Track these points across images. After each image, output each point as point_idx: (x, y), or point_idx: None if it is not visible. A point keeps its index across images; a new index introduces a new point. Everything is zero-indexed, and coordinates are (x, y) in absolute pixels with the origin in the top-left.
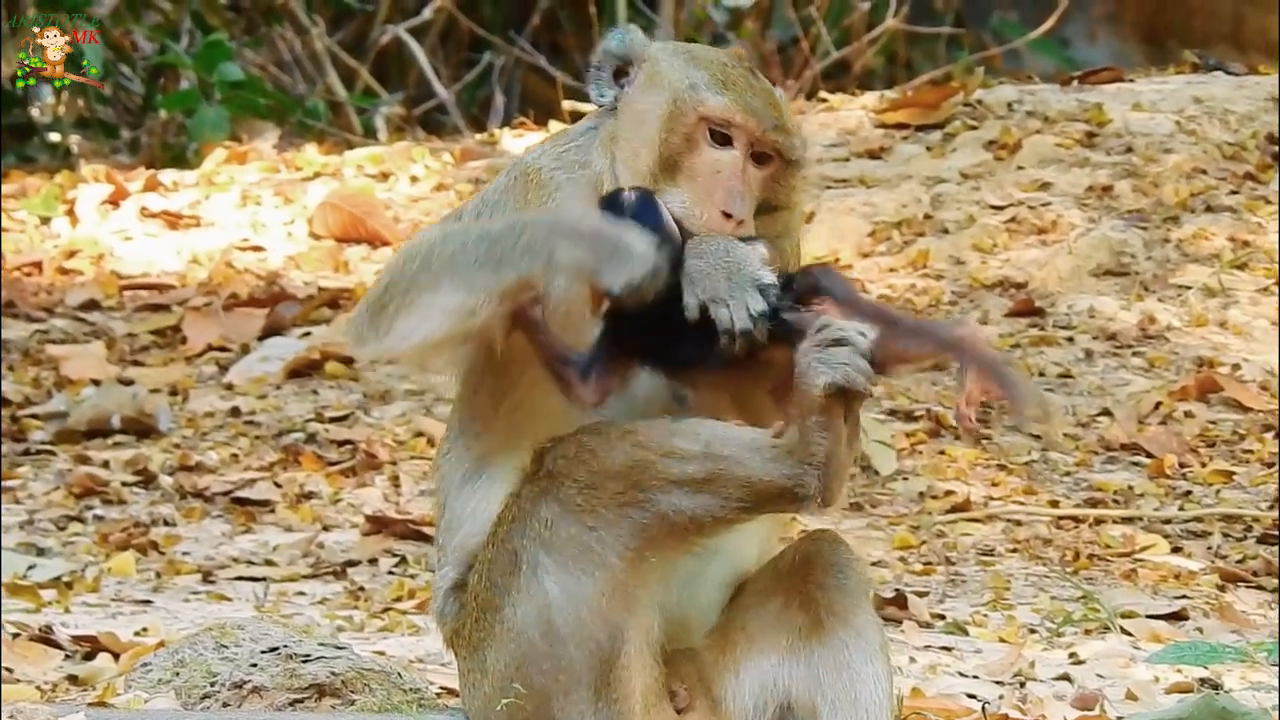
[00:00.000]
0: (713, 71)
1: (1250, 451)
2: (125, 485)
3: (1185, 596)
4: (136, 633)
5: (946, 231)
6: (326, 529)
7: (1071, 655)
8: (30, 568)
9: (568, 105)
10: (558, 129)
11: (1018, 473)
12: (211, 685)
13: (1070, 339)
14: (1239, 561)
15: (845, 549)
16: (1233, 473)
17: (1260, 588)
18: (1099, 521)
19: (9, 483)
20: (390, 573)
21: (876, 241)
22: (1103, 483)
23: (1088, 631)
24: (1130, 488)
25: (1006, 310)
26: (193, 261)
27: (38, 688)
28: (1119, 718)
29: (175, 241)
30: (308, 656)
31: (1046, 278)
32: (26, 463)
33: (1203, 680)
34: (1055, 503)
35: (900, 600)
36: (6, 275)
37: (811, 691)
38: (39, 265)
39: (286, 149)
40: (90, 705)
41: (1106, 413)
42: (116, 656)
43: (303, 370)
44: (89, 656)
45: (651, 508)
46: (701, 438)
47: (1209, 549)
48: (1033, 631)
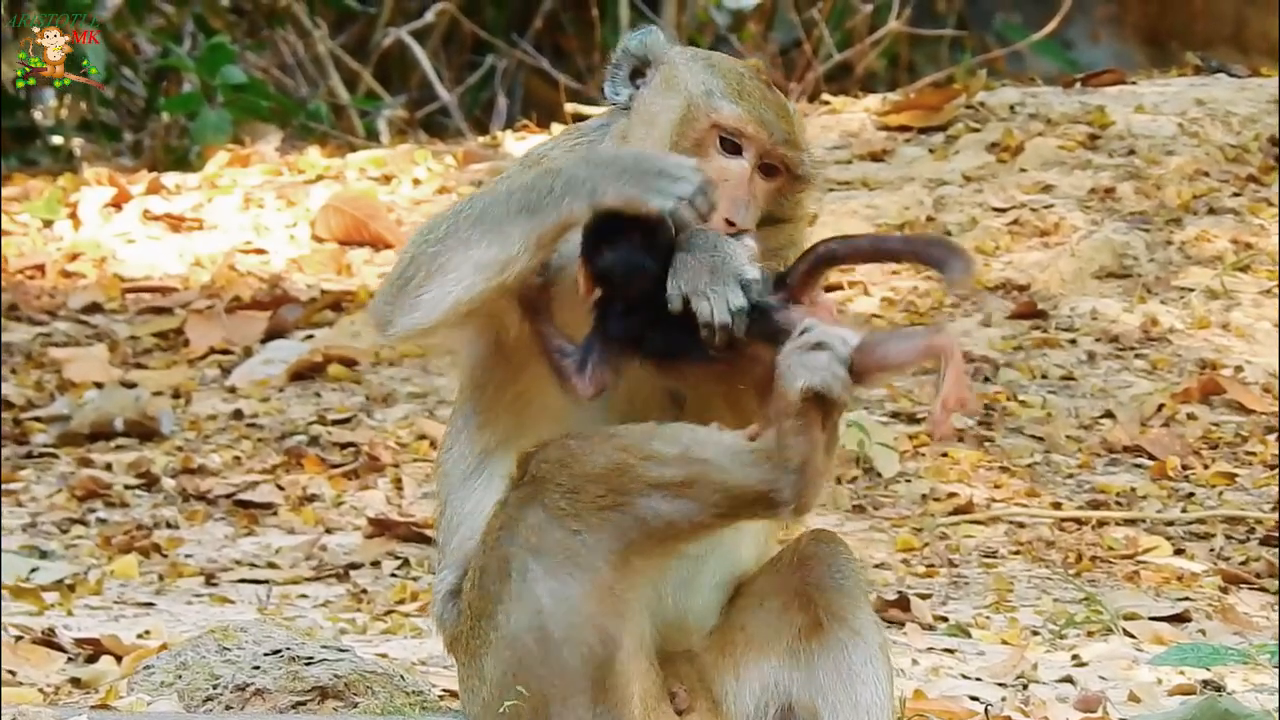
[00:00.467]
0: (729, 80)
1: (1253, 453)
2: (128, 488)
3: (1188, 598)
4: (139, 635)
5: (949, 234)
6: (329, 531)
7: (1074, 657)
8: (33, 570)
9: (570, 108)
10: (560, 131)
11: (1020, 475)
12: (214, 688)
13: (1073, 341)
14: (1241, 563)
15: (844, 549)
16: (1235, 475)
17: (1263, 589)
18: (1101, 523)
19: (12, 485)
20: (393, 575)
21: None
22: (1105, 485)
23: (1090, 633)
24: (1133, 490)
25: (1009, 312)
26: (195, 264)
27: (40, 690)
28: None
29: (178, 244)
30: (310, 659)
31: (1049, 280)
32: (29, 465)
33: (1205, 682)
34: (1058, 505)
35: (903, 602)
36: (9, 278)
37: (812, 693)
38: (41, 268)
39: (289, 152)
40: (93, 708)
41: (1109, 415)
42: (119, 659)
43: (305, 373)
44: (91, 659)
45: (632, 511)
46: (681, 441)
47: (1211, 551)
48: (1035, 633)
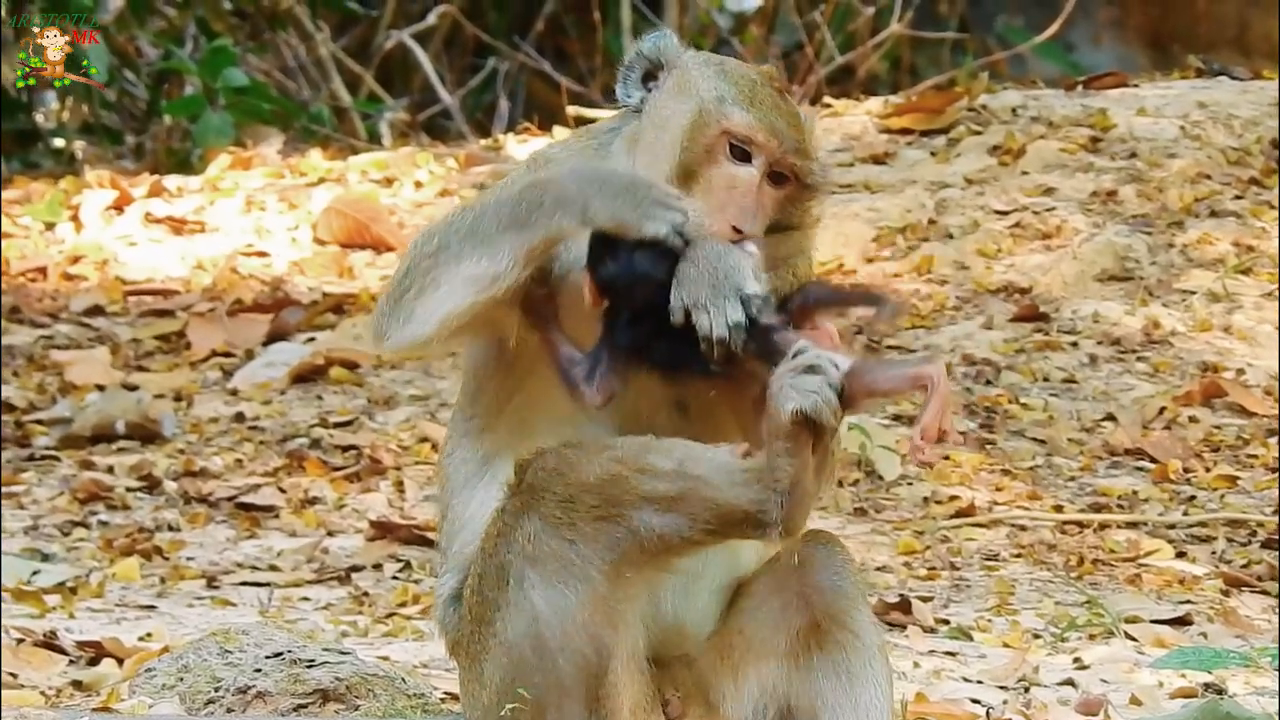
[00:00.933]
0: (742, 87)
1: (1255, 456)
2: (130, 491)
3: (1189, 601)
4: (141, 638)
5: (951, 237)
6: (331, 534)
7: (1076, 660)
8: (35, 573)
9: (572, 110)
10: (562, 134)
11: (1022, 478)
12: (216, 690)
13: (1074, 344)
14: (1243, 566)
15: (842, 550)
16: (1237, 477)
17: (1265, 592)
18: (1103, 526)
19: (14, 488)
20: (394, 578)
21: (881, 247)
22: (1107, 488)
23: (1092, 636)
24: (1134, 493)
25: (1011, 315)
26: (197, 267)
27: (42, 693)
28: None
29: (180, 247)
30: (312, 662)
31: (1051, 283)
32: (31, 468)
33: (1207, 685)
34: (1059, 508)
35: (904, 605)
36: (11, 281)
37: (811, 696)
38: (43, 271)
39: (291, 154)
40: (95, 711)
41: (1111, 418)
42: (121, 662)
43: (307, 375)
44: (93, 662)
45: (624, 523)
46: (675, 455)
47: (1213, 554)
48: (1037, 636)
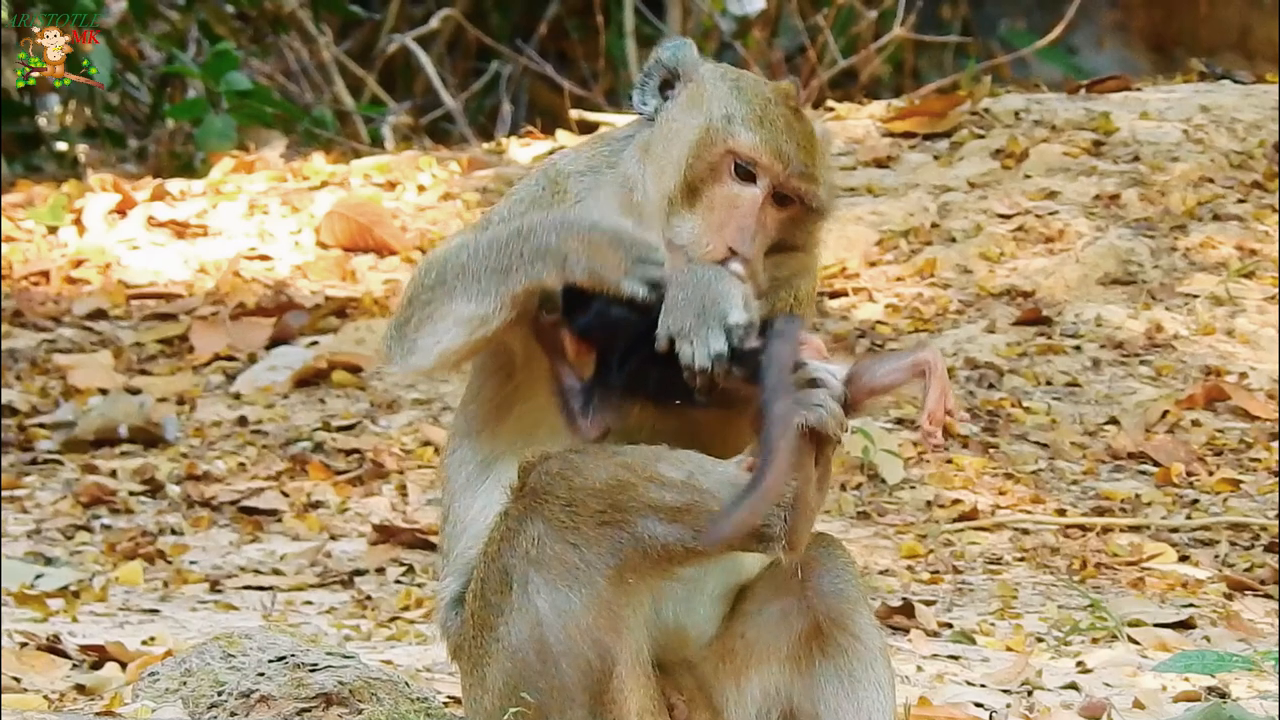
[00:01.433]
0: (753, 107)
1: (1257, 460)
2: (132, 494)
3: (1192, 605)
4: (144, 642)
5: (954, 240)
6: (334, 538)
7: (1079, 664)
8: (38, 577)
9: (575, 114)
10: (565, 138)
11: (1025, 482)
12: (219, 695)
13: (1077, 348)
14: (1246, 570)
15: (843, 553)
16: (1240, 481)
17: (1268, 596)
18: (1106, 530)
19: (17, 492)
20: (397, 582)
21: (884, 250)
22: (1110, 491)
23: (1095, 640)
24: (1137, 496)
25: (1014, 319)
26: (200, 271)
27: (45, 697)
28: None
29: (182, 251)
30: (315, 666)
31: (1054, 286)
32: (34, 472)
33: (1210, 689)
34: (1062, 511)
35: (907, 609)
36: (14, 285)
37: (813, 700)
38: (46, 275)
39: (294, 158)
40: (98, 715)
41: (1114, 421)
42: (124, 666)
43: (310, 379)
44: (96, 666)
45: (629, 529)
46: (685, 467)
47: (1216, 557)
48: (1040, 640)
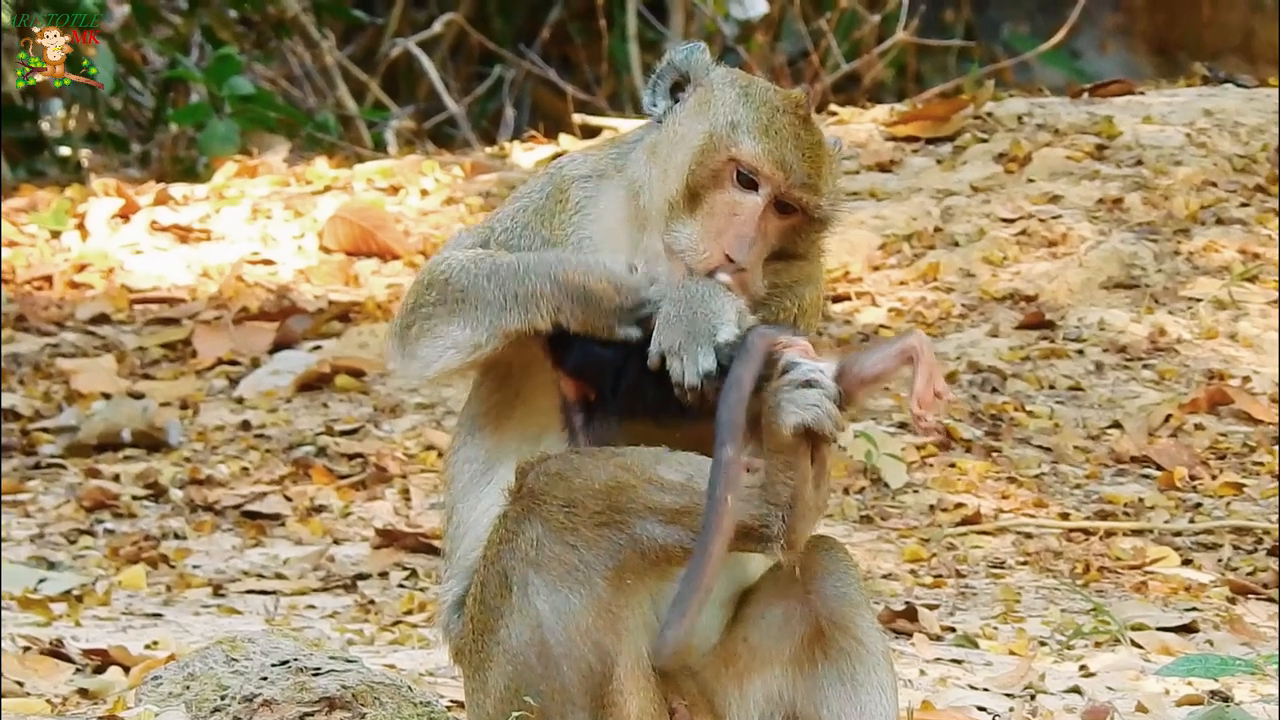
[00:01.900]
0: (759, 115)
1: (1260, 464)
2: (136, 499)
3: (1195, 609)
4: (147, 646)
5: (957, 244)
6: (337, 542)
7: (1082, 668)
8: (41, 581)
9: (578, 118)
10: (568, 142)
11: (1028, 485)
12: (222, 699)
13: (1080, 351)
14: (1249, 574)
15: (844, 555)
16: (1243, 485)
17: (1270, 600)
18: (1109, 534)
19: (20, 496)
20: (400, 586)
21: (887, 254)
22: (1113, 495)
23: (1098, 644)
24: (1140, 500)
25: (1017, 323)
26: (203, 275)
27: (48, 701)
28: None
29: (185, 255)
30: (318, 670)
31: (1057, 290)
32: (37, 476)
33: (1213, 693)
34: (1065, 515)
35: (910, 613)
36: (18, 289)
37: (816, 703)
38: (49, 279)
39: (297, 163)
40: (101, 719)
41: (1117, 425)
42: (127, 670)
43: (313, 384)
44: (99, 670)
45: (627, 530)
46: (685, 470)
47: (1219, 561)
48: (1043, 644)
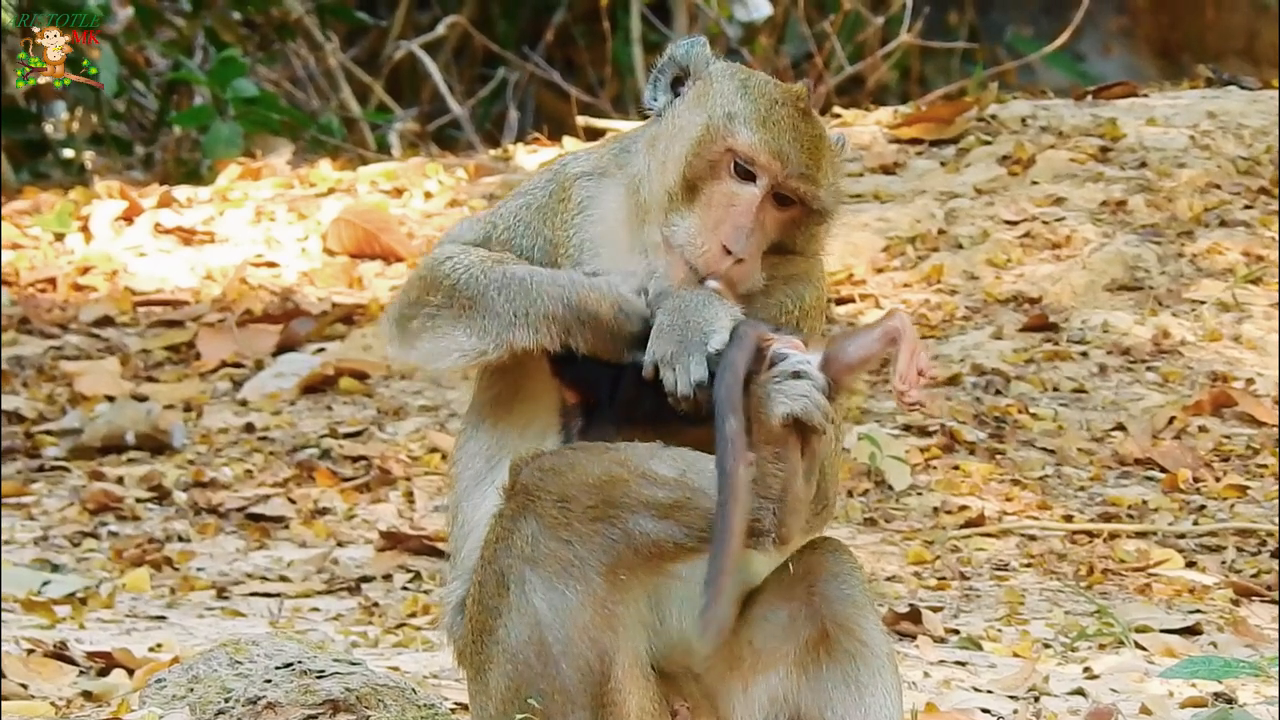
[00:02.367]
0: (757, 106)
1: (1264, 466)
2: (139, 501)
3: (1199, 611)
4: (151, 649)
5: (960, 247)
6: (341, 545)
7: (1086, 670)
8: (45, 584)
9: (581, 120)
10: (571, 145)
11: (1032, 488)
12: (226, 701)
13: (1084, 354)
14: (1253, 576)
15: (848, 556)
16: (1247, 487)
17: (1274, 602)
18: (1113, 536)
19: (24, 499)
20: (404, 588)
21: (890, 257)
22: (1117, 498)
23: (1102, 646)
24: (1144, 502)
25: (1020, 325)
26: (207, 277)
27: (52, 704)
28: None
29: (189, 257)
30: (322, 672)
31: (1060, 293)
32: (41, 479)
33: (1217, 694)
34: (1069, 518)
35: (914, 615)
36: (21, 292)
37: (820, 705)
38: (53, 281)
39: (300, 165)
40: None
41: (1120, 428)
42: (131, 672)
43: (317, 386)
44: (103, 672)
45: (620, 525)
46: (679, 465)
47: (1223, 563)
48: (1047, 646)
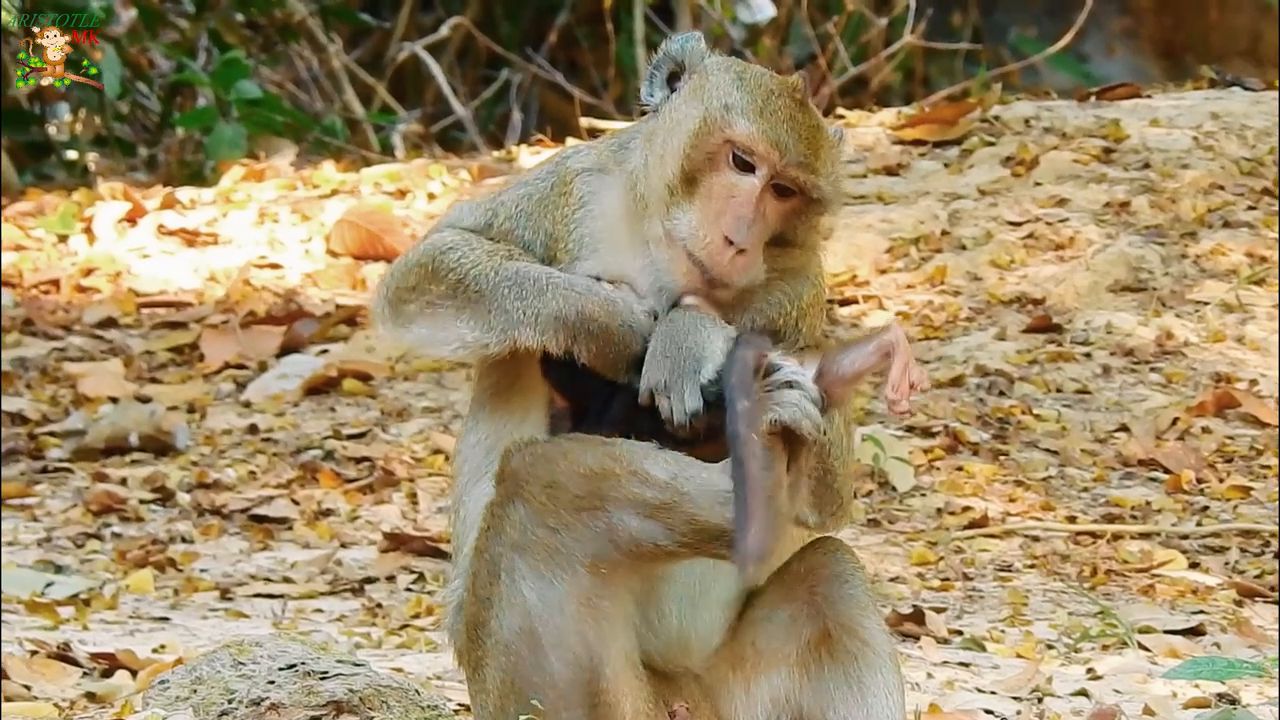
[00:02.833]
0: (754, 97)
1: (1267, 467)
2: (143, 503)
3: (1203, 612)
4: (154, 650)
5: (964, 248)
6: (344, 546)
7: (1089, 671)
8: (48, 585)
9: (585, 122)
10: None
11: (1035, 489)
12: (229, 703)
13: (1088, 355)
14: (1256, 577)
15: (850, 557)
16: (1250, 488)
17: (1277, 603)
18: (1116, 537)
19: (27, 500)
20: (408, 589)
21: (894, 258)
22: (1120, 498)
23: (1105, 647)
24: (1148, 503)
25: (1024, 326)
26: (210, 279)
27: (55, 705)
28: None
29: (193, 259)
30: (325, 674)
31: (1064, 294)
32: (44, 480)
33: (1220, 695)
34: (1073, 518)
35: (918, 616)
36: (25, 293)
37: (823, 705)
38: (56, 283)
39: (304, 166)
40: None
41: (1124, 428)
42: (134, 674)
43: (320, 387)
44: (107, 674)
45: (604, 518)
46: (671, 469)
47: (1226, 564)
48: (1050, 647)
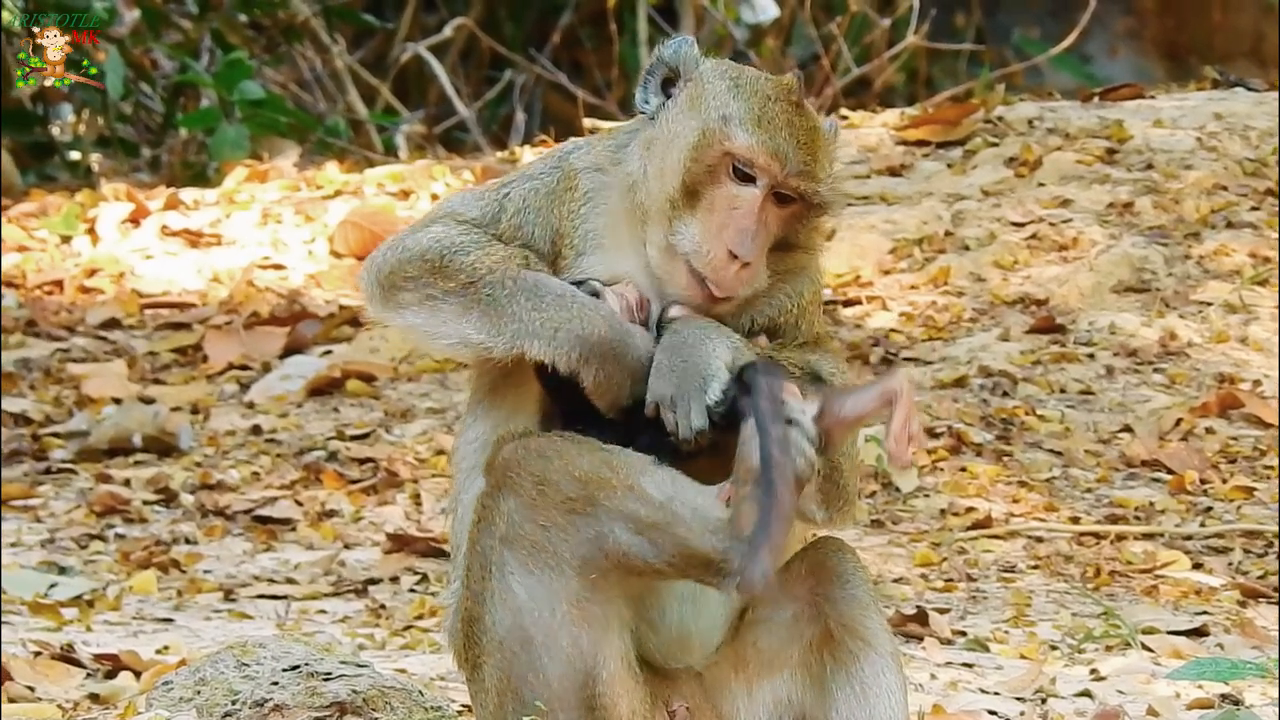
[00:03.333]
0: (750, 106)
1: (1271, 467)
2: (146, 504)
3: (1206, 612)
4: (158, 651)
5: (967, 248)
6: (348, 547)
7: (1093, 671)
8: (52, 586)
9: (588, 123)
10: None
11: (1039, 489)
12: (233, 703)
13: (1091, 355)
14: (1260, 577)
15: (852, 556)
16: (1254, 489)
17: None
18: (1120, 538)
19: (31, 501)
20: (411, 590)
21: (897, 259)
22: (1124, 499)
23: (1109, 648)
24: (1151, 504)
25: (1027, 327)
26: (213, 280)
27: (59, 706)
28: None
29: (196, 260)
30: (329, 674)
31: (1067, 294)
32: (48, 481)
33: (1223, 696)
34: (1076, 519)
35: (921, 617)
36: (28, 294)
37: (826, 706)
38: (60, 284)
39: (307, 167)
40: None
41: (1127, 429)
42: (138, 675)
43: (324, 388)
44: (110, 675)
45: (595, 525)
46: (667, 490)
47: (1230, 565)
48: (1054, 648)
